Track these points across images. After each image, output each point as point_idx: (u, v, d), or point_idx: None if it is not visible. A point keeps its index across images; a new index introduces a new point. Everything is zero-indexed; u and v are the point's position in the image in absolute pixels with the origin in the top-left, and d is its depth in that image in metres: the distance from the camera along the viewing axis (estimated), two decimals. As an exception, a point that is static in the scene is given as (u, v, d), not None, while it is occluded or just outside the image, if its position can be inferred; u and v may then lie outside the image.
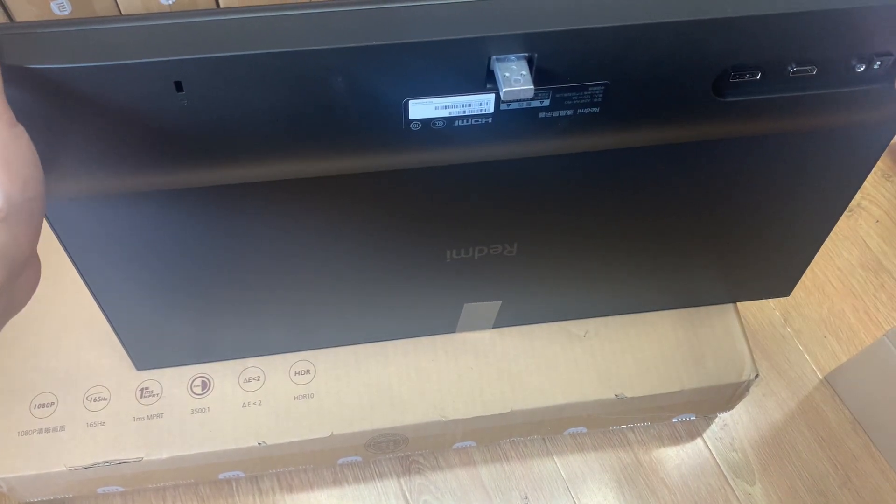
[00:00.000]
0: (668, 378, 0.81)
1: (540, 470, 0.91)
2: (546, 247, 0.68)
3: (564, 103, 0.51)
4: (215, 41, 0.44)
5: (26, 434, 0.75)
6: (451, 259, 0.67)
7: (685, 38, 0.48)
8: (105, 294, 0.65)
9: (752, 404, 0.96)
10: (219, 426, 0.77)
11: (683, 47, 0.48)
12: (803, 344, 1.01)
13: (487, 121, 0.51)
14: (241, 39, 0.44)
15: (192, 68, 0.44)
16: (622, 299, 0.82)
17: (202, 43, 0.43)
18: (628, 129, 0.54)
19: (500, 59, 0.46)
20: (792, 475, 0.92)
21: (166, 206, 0.55)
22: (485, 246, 0.66)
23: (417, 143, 0.52)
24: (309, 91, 0.47)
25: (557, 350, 0.82)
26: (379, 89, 0.47)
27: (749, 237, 0.72)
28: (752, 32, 0.48)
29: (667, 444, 0.93)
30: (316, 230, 0.61)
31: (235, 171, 0.52)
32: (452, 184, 0.58)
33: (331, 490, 0.88)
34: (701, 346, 0.83)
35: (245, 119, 0.48)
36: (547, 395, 0.80)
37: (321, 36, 0.44)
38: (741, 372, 0.82)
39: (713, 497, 0.90)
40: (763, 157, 0.61)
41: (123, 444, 0.75)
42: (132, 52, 0.43)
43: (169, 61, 0.43)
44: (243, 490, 0.87)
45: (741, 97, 0.53)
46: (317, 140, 0.51)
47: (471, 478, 0.90)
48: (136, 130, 0.47)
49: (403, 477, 0.89)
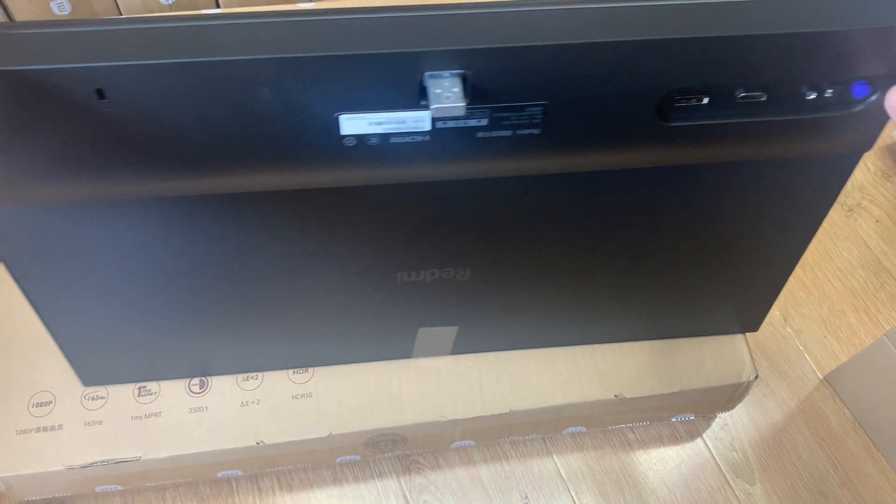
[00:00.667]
0: (668, 379, 0.81)
1: (540, 469, 0.91)
2: (499, 273, 0.67)
3: (503, 123, 0.49)
4: (139, 49, 0.43)
5: (24, 433, 0.75)
6: (403, 282, 0.66)
7: (625, 59, 0.46)
8: (43, 306, 0.64)
9: (752, 404, 0.96)
10: (217, 425, 0.76)
11: (624, 69, 0.47)
12: (803, 344, 1.00)
13: (425, 138, 0.49)
14: (165, 48, 0.43)
15: (112, 75, 0.43)
16: (580, 330, 0.80)
17: (126, 50, 0.43)
18: (571, 153, 0.53)
19: (433, 75, 0.45)
20: (792, 475, 0.92)
21: (97, 217, 0.54)
22: (436, 269, 0.65)
23: (353, 160, 0.50)
24: (236, 102, 0.46)
25: (557, 350, 0.81)
26: (308, 103, 0.46)
27: (707, 268, 0.71)
28: (696, 55, 0.47)
29: (667, 443, 0.93)
30: (257, 247, 0.60)
31: (163, 184, 0.51)
32: (393, 203, 0.56)
33: (330, 489, 0.88)
34: (700, 347, 0.83)
35: (171, 129, 0.47)
36: (546, 395, 0.80)
37: (247, 46, 0.43)
38: (741, 373, 0.82)
39: (713, 497, 0.90)
40: (715, 185, 0.59)
41: (121, 443, 0.75)
42: (54, 58, 0.42)
43: (89, 67, 0.42)
44: (243, 489, 0.87)
45: (687, 122, 0.51)
46: (248, 153, 0.49)
47: (471, 477, 0.90)
48: (62, 137, 0.46)
49: (403, 476, 0.89)
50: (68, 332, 0.68)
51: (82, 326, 0.68)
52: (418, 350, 0.79)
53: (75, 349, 0.71)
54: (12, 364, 0.78)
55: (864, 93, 0.51)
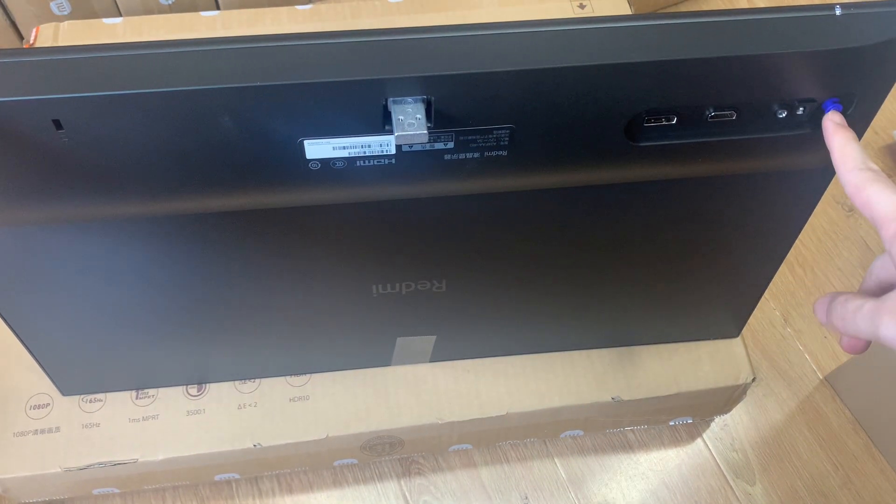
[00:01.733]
0: (665, 381, 0.81)
1: (540, 470, 0.91)
2: (475, 284, 0.67)
3: (470, 146, 0.49)
4: (96, 79, 0.42)
5: (21, 435, 0.75)
6: (378, 294, 0.65)
7: (591, 82, 0.46)
8: (15, 318, 0.64)
9: (752, 404, 0.96)
10: (214, 427, 0.77)
11: (590, 92, 0.46)
12: (803, 344, 1.00)
13: (390, 161, 0.49)
14: (122, 78, 0.42)
15: (69, 107, 0.43)
16: (560, 337, 0.80)
17: (82, 81, 0.42)
18: (539, 173, 0.53)
19: (397, 101, 0.44)
20: (792, 475, 0.92)
21: (64, 238, 0.54)
22: (412, 282, 0.65)
23: (319, 183, 0.50)
24: (196, 131, 0.45)
25: (554, 353, 0.81)
26: (271, 129, 0.46)
27: (683, 280, 0.70)
28: (663, 78, 0.46)
29: (667, 444, 0.93)
30: (228, 265, 0.60)
31: (128, 208, 0.51)
32: (363, 221, 0.56)
33: (330, 491, 0.88)
34: (698, 349, 0.82)
35: (131, 158, 0.47)
36: (544, 397, 0.80)
37: (206, 75, 0.43)
38: (738, 375, 0.82)
39: (713, 497, 0.90)
40: (687, 200, 0.59)
41: (118, 445, 0.75)
42: (10, 90, 0.42)
43: (45, 100, 0.42)
44: (243, 491, 0.87)
45: (657, 142, 0.51)
46: (212, 179, 0.49)
47: (471, 479, 0.90)
48: (22, 166, 0.46)
49: (403, 478, 0.89)
50: (41, 345, 0.68)
51: (53, 341, 0.68)
52: (397, 358, 0.79)
53: (50, 362, 0.71)
54: (9, 366, 0.78)
55: (835, 110, 0.50)
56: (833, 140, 0.47)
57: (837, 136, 0.47)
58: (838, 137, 0.47)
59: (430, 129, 0.46)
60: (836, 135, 0.47)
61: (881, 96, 0.50)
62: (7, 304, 0.61)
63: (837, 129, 0.48)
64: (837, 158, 0.46)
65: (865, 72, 0.48)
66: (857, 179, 0.44)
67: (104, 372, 0.74)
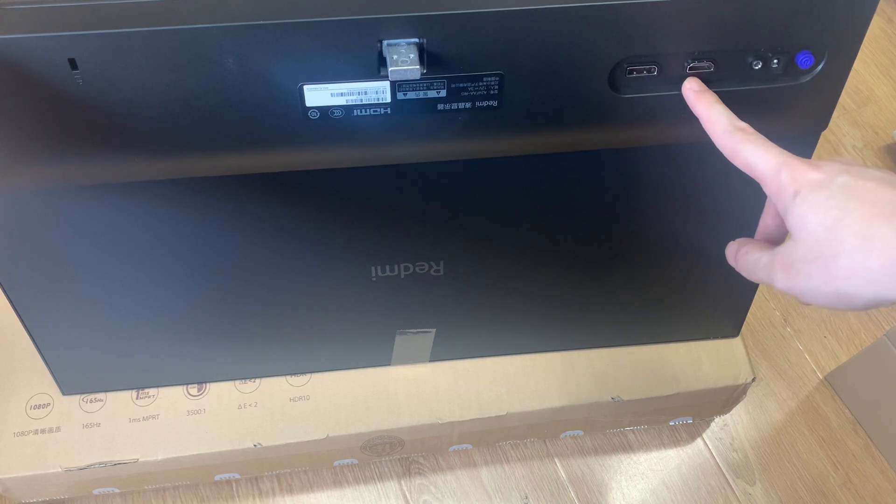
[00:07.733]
0: (665, 381, 0.81)
1: (540, 470, 0.91)
2: (472, 266, 0.68)
3: (461, 94, 0.51)
4: (109, 19, 0.45)
5: (22, 435, 0.75)
6: (377, 277, 0.67)
7: (576, 24, 0.48)
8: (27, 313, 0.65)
9: (752, 404, 0.96)
10: (215, 427, 0.77)
11: (575, 35, 0.49)
12: (803, 344, 1.00)
13: (386, 111, 0.52)
14: (133, 18, 0.45)
15: (84, 44, 0.45)
16: (559, 335, 0.80)
17: (97, 20, 0.45)
18: (529, 128, 0.55)
19: (391, 43, 0.47)
20: (792, 475, 0.92)
21: (70, 203, 0.56)
22: (410, 263, 0.66)
23: (318, 135, 0.53)
24: (202, 72, 0.48)
25: (554, 353, 0.81)
26: (273, 71, 0.48)
27: (679, 270, 0.72)
28: (645, 21, 0.49)
29: (667, 444, 0.93)
30: (231, 238, 0.61)
31: (136, 165, 0.53)
32: (360, 188, 0.58)
33: (331, 491, 0.88)
34: (698, 350, 0.82)
35: (141, 101, 0.49)
36: (543, 397, 0.80)
37: (213, 15, 0.46)
38: (737, 375, 0.82)
39: (713, 497, 0.90)
40: (675, 167, 0.60)
41: (119, 445, 0.75)
42: (27, 28, 0.44)
43: (62, 36, 0.44)
44: (243, 491, 0.87)
45: (638, 93, 0.53)
46: (216, 128, 0.51)
47: (471, 478, 0.90)
48: (37, 112, 0.48)
49: (404, 478, 0.89)
50: (47, 338, 0.69)
51: (58, 334, 0.69)
52: (397, 358, 0.79)
53: (54, 357, 0.72)
54: (10, 366, 0.78)
55: (808, 62, 0.52)
56: (697, 107, 0.49)
57: (700, 102, 0.49)
58: (701, 103, 0.49)
59: (424, 74, 0.49)
60: (698, 102, 0.49)
61: (852, 50, 0.52)
62: (10, 278, 0.62)
63: (699, 95, 0.50)
64: (706, 124, 0.48)
65: (835, 20, 0.50)
66: (731, 142, 0.45)
67: (106, 368, 0.74)
